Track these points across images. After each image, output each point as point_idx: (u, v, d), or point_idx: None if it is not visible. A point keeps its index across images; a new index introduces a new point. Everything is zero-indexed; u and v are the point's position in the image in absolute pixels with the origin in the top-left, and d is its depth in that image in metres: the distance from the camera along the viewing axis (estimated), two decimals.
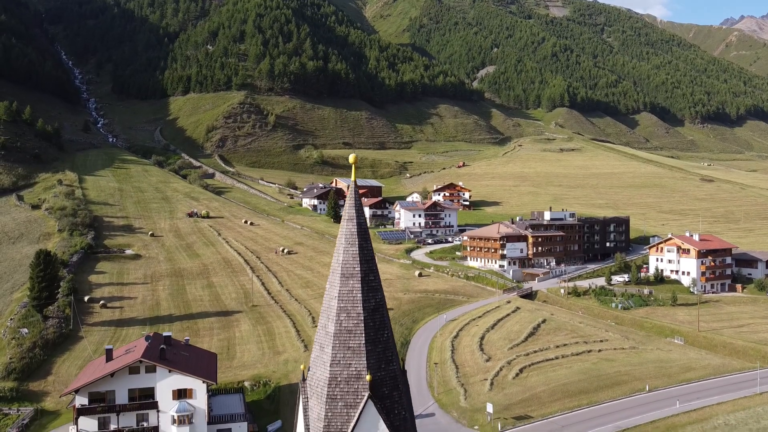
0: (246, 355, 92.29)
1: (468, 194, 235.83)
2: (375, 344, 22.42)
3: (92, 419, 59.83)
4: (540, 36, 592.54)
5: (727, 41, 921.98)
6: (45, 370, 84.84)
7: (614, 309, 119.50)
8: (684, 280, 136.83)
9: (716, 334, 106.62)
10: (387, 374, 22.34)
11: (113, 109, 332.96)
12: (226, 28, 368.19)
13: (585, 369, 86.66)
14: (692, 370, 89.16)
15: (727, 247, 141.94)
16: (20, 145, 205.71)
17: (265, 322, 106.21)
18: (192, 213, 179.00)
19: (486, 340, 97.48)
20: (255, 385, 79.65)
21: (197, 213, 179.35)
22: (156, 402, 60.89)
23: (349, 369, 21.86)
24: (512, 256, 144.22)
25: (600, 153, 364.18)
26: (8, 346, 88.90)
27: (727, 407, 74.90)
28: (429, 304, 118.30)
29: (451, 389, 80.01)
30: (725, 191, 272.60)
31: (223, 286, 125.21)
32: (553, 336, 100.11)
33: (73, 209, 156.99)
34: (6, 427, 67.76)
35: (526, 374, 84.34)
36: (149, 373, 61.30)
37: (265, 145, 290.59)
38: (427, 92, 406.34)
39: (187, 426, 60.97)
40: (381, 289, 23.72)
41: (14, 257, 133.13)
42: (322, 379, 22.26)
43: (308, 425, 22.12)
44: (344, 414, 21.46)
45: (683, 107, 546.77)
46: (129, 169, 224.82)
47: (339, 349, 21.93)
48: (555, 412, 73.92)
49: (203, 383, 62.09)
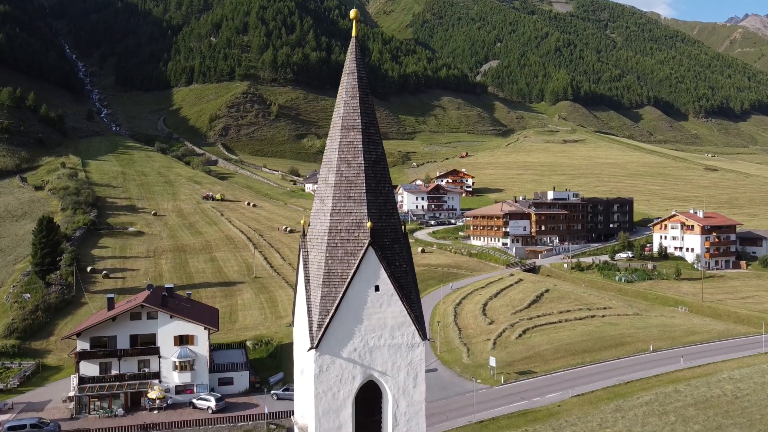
0: (248, 319, 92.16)
1: (471, 180, 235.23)
2: (376, 195, 22.16)
3: (93, 364, 59.69)
4: (543, 31, 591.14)
5: (731, 38, 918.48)
6: (47, 331, 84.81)
7: (618, 282, 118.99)
8: (688, 257, 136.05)
9: (720, 305, 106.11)
10: (388, 226, 22.08)
11: (117, 100, 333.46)
12: (230, 20, 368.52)
13: (588, 331, 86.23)
14: (696, 333, 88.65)
15: (732, 224, 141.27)
16: (24, 129, 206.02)
17: (268, 291, 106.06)
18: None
19: (489, 306, 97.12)
20: (257, 344, 79.38)
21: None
22: (157, 348, 60.70)
23: (349, 218, 21.60)
24: (515, 234, 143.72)
25: (603, 144, 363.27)
26: (10, 309, 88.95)
27: (732, 364, 74.43)
28: (432, 277, 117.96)
29: (454, 348, 79.68)
30: (729, 179, 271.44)
31: (226, 260, 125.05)
32: (557, 304, 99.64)
33: (76, 188, 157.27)
34: (8, 378, 67.67)
35: (529, 335, 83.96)
36: (151, 319, 61.12)
37: (268, 135, 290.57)
38: (431, 84, 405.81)
39: (189, 372, 60.78)
40: (381, 144, 23.46)
41: (17, 233, 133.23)
42: (322, 229, 22.01)
43: (308, 276, 21.85)
44: (344, 261, 21.19)
45: (687, 101, 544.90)
46: (132, 155, 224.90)
47: (339, 199, 21.68)
48: (558, 368, 73.50)
49: (205, 329, 61.92)
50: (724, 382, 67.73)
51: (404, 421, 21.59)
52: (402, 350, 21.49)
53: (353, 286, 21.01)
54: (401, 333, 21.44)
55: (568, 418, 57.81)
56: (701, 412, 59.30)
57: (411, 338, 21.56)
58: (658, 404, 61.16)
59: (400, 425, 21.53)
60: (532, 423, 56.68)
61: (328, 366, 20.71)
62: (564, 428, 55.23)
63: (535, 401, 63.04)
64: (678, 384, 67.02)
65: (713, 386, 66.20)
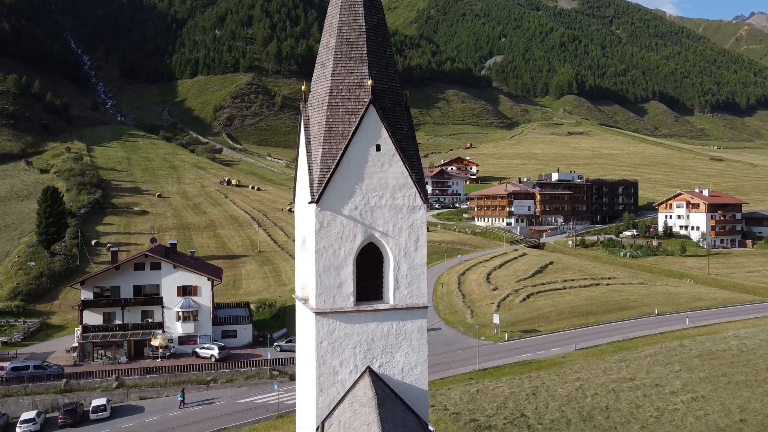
0: (252, 286, 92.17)
1: (475, 168, 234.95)
2: (377, 57, 22.14)
3: (97, 313, 59.74)
4: (548, 27, 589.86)
5: (737, 35, 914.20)
6: (51, 296, 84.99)
7: (623, 258, 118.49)
8: (693, 235, 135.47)
9: (726, 277, 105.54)
10: (389, 89, 22.03)
11: (121, 92, 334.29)
12: (234, 13, 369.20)
13: (593, 296, 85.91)
14: (702, 300, 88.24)
15: (737, 202, 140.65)
16: (29, 115, 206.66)
17: (272, 263, 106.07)
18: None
19: (493, 275, 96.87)
20: (261, 306, 79.36)
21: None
22: (161, 298, 60.71)
23: (350, 77, 21.54)
24: (520, 214, 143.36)
25: (608, 136, 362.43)
26: (15, 276, 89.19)
27: (737, 325, 74.02)
28: (435, 252, 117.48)
29: (458, 311, 79.49)
30: (735, 168, 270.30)
31: (230, 236, 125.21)
32: (561, 274, 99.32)
33: (81, 170, 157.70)
34: (12, 332, 67.80)
35: (533, 299, 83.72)
36: (154, 270, 61.17)
37: (272, 125, 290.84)
38: (435, 78, 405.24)
39: (192, 323, 60.77)
40: (382, 11, 23.49)
41: (23, 211, 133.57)
42: (322, 91, 21.98)
43: (309, 138, 21.77)
44: (345, 120, 21.12)
45: (692, 96, 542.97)
46: (137, 142, 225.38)
47: (340, 60, 21.64)
48: (563, 328, 73.25)
49: (208, 281, 61.92)
50: (730, 338, 67.34)
51: (405, 284, 21.48)
52: (403, 212, 21.36)
53: (354, 143, 20.94)
54: (402, 195, 21.34)
55: (572, 367, 57.57)
56: (706, 362, 58.93)
57: (412, 200, 21.47)
58: (663, 356, 60.82)
59: (401, 287, 21.43)
60: (536, 371, 56.47)
61: (329, 222, 20.62)
62: (568, 374, 54.97)
63: (539, 354, 62.86)
64: (683, 340, 66.68)
65: (719, 342, 65.84)
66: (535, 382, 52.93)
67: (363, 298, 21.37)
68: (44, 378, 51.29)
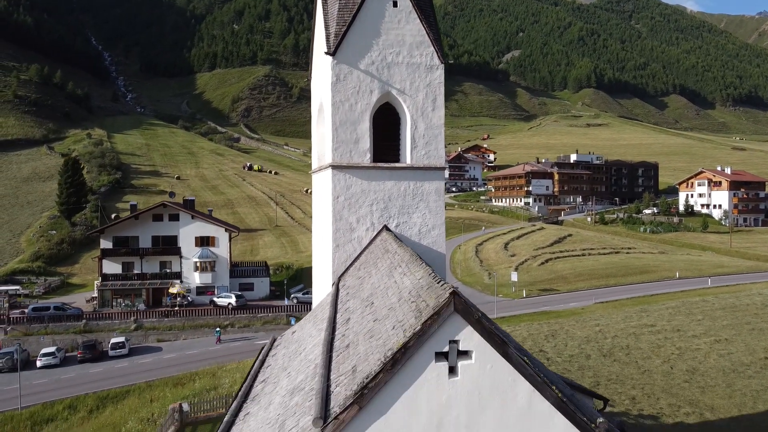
0: (269, 253, 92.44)
1: (493, 156, 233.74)
2: None
3: (116, 263, 60.24)
4: (566, 21, 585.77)
5: (760, 30, 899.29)
6: (72, 260, 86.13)
7: (643, 233, 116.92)
8: (715, 214, 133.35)
9: (749, 250, 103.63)
10: None
11: (141, 86, 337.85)
12: (252, 8, 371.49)
13: (612, 262, 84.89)
14: (724, 267, 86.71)
15: (761, 180, 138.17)
16: (51, 103, 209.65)
17: (289, 235, 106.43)
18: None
19: (511, 245, 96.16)
20: (278, 269, 79.50)
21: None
22: (179, 248, 61.05)
23: None
24: (538, 193, 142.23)
25: (628, 128, 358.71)
26: (37, 242, 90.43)
27: (761, 286, 72.57)
28: (453, 226, 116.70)
29: (475, 273, 78.99)
30: (758, 157, 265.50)
31: (248, 213, 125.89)
32: (580, 244, 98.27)
33: (102, 152, 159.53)
34: (34, 287, 68.66)
35: (552, 263, 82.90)
36: (173, 221, 61.56)
37: (289, 116, 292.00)
38: (452, 71, 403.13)
39: (210, 273, 61.03)
40: None
41: (44, 191, 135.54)
42: None
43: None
44: None
45: (714, 90, 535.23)
46: (156, 131, 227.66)
47: None
48: (582, 288, 72.41)
49: (226, 231, 62.19)
50: (754, 295, 66.05)
51: (423, 144, 21.18)
52: (421, 70, 21.10)
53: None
54: (420, 53, 21.06)
55: (592, 315, 56.86)
56: (729, 313, 57.84)
57: (430, 59, 21.19)
58: (685, 308, 59.82)
59: (418, 147, 21.12)
60: (555, 318, 55.84)
61: (346, 75, 20.41)
62: (587, 321, 54.28)
63: (558, 307, 62.18)
64: (705, 296, 65.58)
65: (742, 298, 64.61)
66: (553, 326, 52.37)
67: (380, 159, 21.14)
68: (64, 318, 51.82)
